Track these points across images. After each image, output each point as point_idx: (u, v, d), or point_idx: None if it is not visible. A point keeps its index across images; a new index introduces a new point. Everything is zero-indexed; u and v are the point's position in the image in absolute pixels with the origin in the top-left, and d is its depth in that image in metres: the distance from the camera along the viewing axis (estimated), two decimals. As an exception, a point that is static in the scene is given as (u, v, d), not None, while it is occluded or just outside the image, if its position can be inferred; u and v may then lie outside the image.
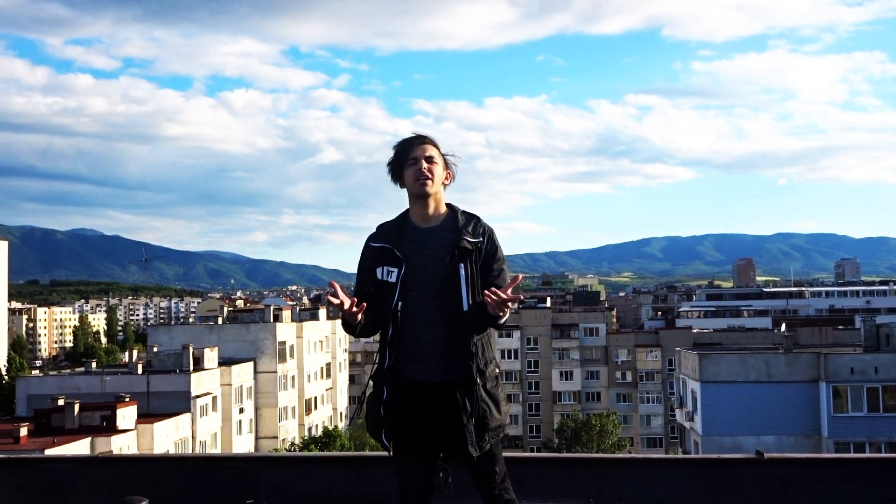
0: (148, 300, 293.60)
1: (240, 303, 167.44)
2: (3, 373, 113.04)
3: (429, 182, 4.10)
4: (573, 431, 77.28)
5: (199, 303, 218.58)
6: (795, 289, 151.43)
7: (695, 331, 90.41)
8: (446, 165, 4.23)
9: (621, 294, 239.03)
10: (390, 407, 4.07)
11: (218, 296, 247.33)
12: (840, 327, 69.31)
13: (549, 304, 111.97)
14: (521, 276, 4.07)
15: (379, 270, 4.13)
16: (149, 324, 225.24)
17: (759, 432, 39.18)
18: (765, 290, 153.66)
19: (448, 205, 4.26)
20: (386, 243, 4.14)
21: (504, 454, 4.28)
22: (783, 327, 75.11)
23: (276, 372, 68.05)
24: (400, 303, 4.05)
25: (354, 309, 3.95)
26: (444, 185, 4.22)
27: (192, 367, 58.66)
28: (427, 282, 4.05)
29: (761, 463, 6.10)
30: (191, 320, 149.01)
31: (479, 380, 4.03)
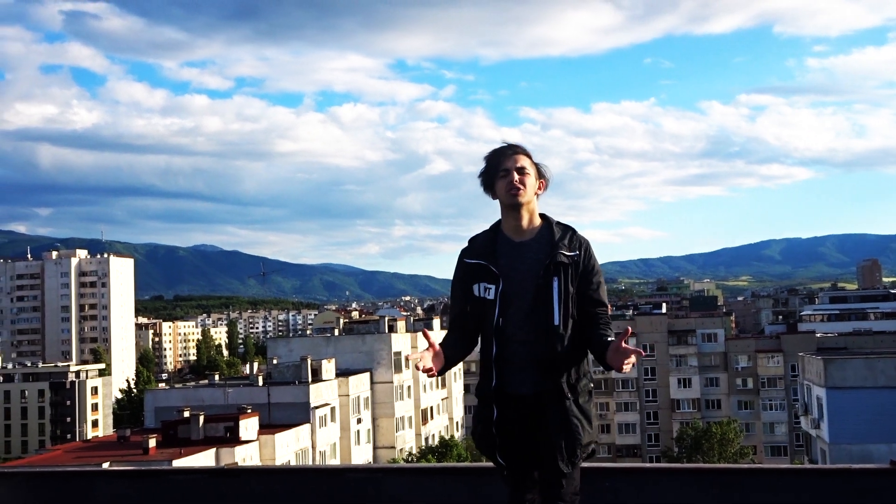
0: (266, 313, 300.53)
1: (355, 314, 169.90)
2: (132, 386, 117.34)
3: (521, 192, 4.02)
4: (693, 440, 75.73)
5: (315, 315, 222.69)
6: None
7: (818, 335, 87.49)
8: (539, 175, 4.13)
9: (739, 298, 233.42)
10: (501, 426, 4.02)
11: (334, 308, 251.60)
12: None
13: (664, 310, 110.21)
14: (629, 329, 3.99)
15: (476, 287, 4.07)
16: (268, 336, 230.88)
17: (892, 440, 37.61)
18: (892, 291, 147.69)
19: (542, 215, 4.17)
20: (481, 259, 4.07)
21: (623, 464, 4.23)
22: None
23: (392, 382, 68.71)
24: (500, 320, 3.99)
25: (429, 364, 3.96)
26: (537, 195, 4.13)
27: (310, 379, 59.67)
28: (523, 297, 4.00)
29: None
30: (308, 332, 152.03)
31: (570, 395, 4.00)
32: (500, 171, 4.05)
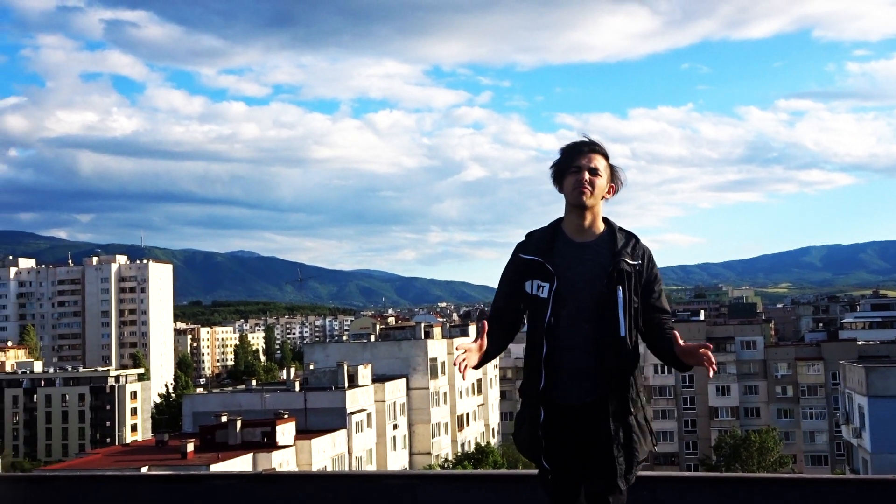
0: (303, 319, 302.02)
1: (391, 320, 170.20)
2: (171, 390, 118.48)
3: (587, 193, 3.88)
4: (732, 448, 75.10)
5: (352, 321, 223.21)
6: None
7: (860, 343, 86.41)
8: (612, 178, 4.00)
9: (779, 305, 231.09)
10: (548, 429, 3.88)
11: (370, 313, 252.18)
12: None
13: (702, 317, 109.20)
14: (710, 346, 3.94)
15: (528, 284, 3.93)
16: (304, 342, 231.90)
17: (934, 450, 37.04)
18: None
19: (605, 219, 4.03)
20: (537, 256, 3.93)
21: (662, 473, 4.17)
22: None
23: (428, 388, 68.75)
24: (552, 320, 3.85)
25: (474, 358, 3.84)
26: (605, 199, 4.00)
27: (346, 384, 59.85)
28: (579, 300, 3.85)
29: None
30: (344, 338, 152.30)
31: (632, 409, 3.90)
32: (572, 166, 3.93)
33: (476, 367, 3.91)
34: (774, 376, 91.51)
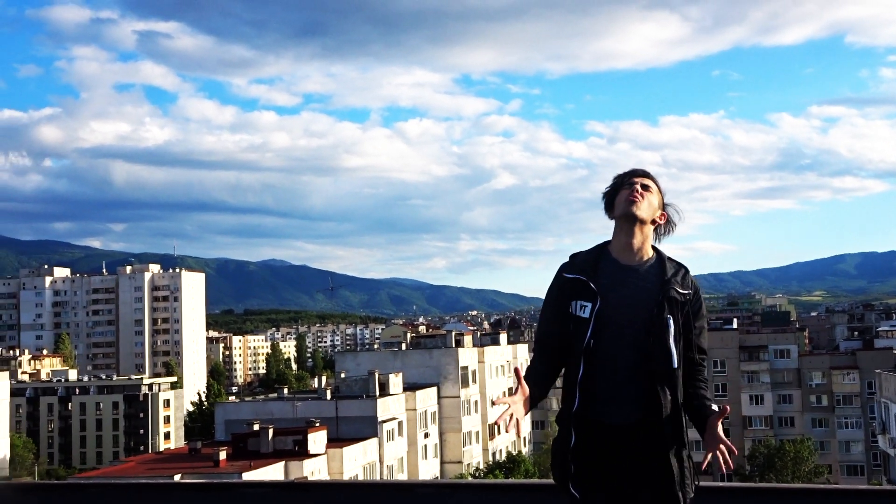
0: (335, 327, 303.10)
1: (422, 328, 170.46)
2: (203, 398, 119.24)
3: (638, 201, 3.77)
4: (766, 458, 74.44)
5: (382, 329, 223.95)
6: None
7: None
8: (663, 207, 3.89)
9: (813, 314, 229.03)
10: (578, 453, 3.72)
11: (401, 322, 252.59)
12: None
13: (735, 326, 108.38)
14: (727, 408, 3.77)
15: (573, 304, 3.76)
16: (336, 350, 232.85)
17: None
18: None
19: (654, 248, 3.90)
20: (580, 275, 3.78)
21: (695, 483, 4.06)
22: None
23: (459, 397, 68.71)
24: (592, 341, 3.69)
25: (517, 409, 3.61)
26: (655, 226, 3.88)
27: (377, 393, 59.95)
28: (622, 324, 3.71)
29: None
30: (375, 346, 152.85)
31: (684, 439, 3.83)
32: (624, 184, 3.84)
33: (525, 414, 3.73)
34: (809, 385, 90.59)
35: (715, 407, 3.81)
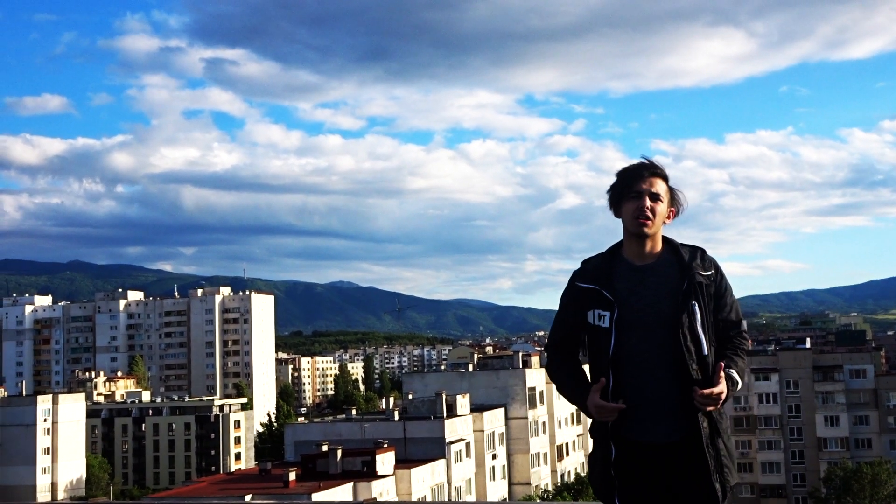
0: (402, 348, 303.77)
1: (489, 349, 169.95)
2: (273, 419, 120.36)
3: (649, 223, 3.70)
4: (842, 481, 72.68)
5: (449, 350, 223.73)
6: None
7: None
8: (672, 201, 3.81)
9: (890, 333, 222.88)
10: (620, 467, 3.65)
11: (468, 343, 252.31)
12: None
13: (808, 345, 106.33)
14: (722, 364, 3.61)
15: (590, 314, 3.71)
16: (403, 371, 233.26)
17: None
18: None
19: (665, 239, 3.83)
20: (594, 284, 3.71)
21: None
22: None
23: (526, 418, 68.35)
24: (616, 350, 3.63)
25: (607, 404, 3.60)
26: (666, 223, 3.80)
27: (445, 414, 59.92)
28: (648, 326, 3.62)
29: None
30: (443, 367, 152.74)
31: (722, 436, 3.67)
32: (632, 191, 3.73)
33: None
34: (886, 406, 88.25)
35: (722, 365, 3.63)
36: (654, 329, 3.62)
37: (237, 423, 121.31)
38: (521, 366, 73.21)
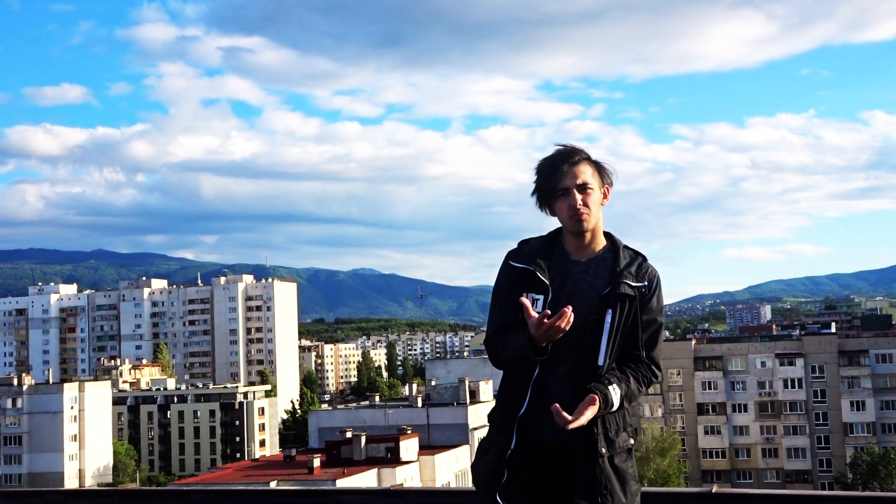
0: (424, 335, 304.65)
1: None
2: (297, 406, 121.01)
3: (586, 219, 3.38)
4: (869, 466, 72.39)
5: (472, 336, 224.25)
6: None
7: None
8: (602, 181, 3.47)
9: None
10: (514, 463, 3.35)
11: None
12: None
13: (833, 330, 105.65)
14: (595, 395, 3.23)
15: (525, 297, 3.31)
16: (426, 358, 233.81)
17: None
18: None
19: (607, 234, 3.53)
20: (529, 265, 3.41)
21: (794, 491, 3.87)
22: None
23: (549, 404, 68.39)
24: None
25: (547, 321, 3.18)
26: (604, 205, 3.48)
27: (468, 400, 60.02)
28: (572, 324, 3.21)
29: None
30: (465, 354, 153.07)
31: (604, 450, 3.32)
32: (557, 189, 3.41)
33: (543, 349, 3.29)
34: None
35: (596, 391, 3.26)
36: (575, 328, 3.25)
37: (261, 410, 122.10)
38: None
